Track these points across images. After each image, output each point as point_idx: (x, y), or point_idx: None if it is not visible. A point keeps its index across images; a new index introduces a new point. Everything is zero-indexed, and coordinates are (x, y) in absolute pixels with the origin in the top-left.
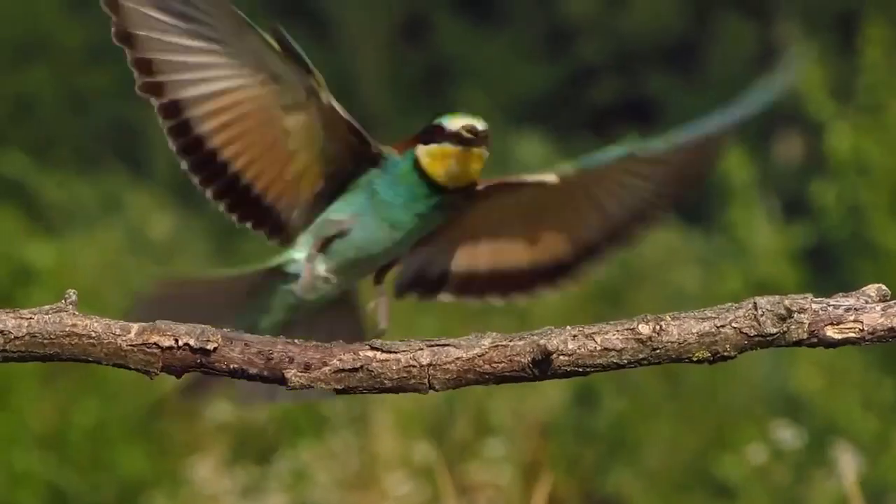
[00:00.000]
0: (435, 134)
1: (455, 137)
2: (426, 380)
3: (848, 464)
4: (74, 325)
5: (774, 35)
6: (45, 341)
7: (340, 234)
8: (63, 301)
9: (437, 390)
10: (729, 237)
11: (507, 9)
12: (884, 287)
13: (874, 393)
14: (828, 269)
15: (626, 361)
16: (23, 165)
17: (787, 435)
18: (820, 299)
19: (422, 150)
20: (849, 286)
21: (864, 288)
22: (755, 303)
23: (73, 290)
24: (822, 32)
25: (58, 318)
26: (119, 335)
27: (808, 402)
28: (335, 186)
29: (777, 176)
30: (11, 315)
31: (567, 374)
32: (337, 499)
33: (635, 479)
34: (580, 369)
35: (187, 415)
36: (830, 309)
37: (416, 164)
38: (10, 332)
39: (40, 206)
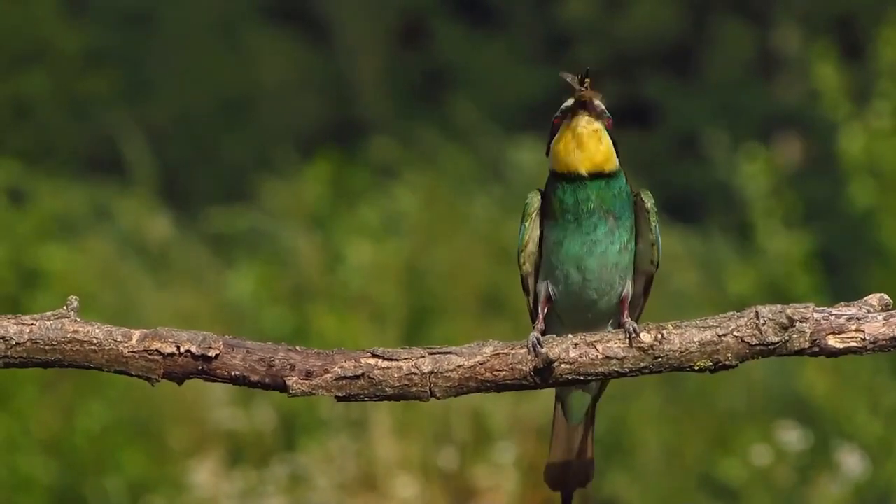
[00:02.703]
0: (552, 131)
1: (567, 112)
2: (427, 387)
3: (852, 467)
4: (76, 332)
5: (772, 39)
6: (47, 347)
7: (550, 300)
8: (65, 307)
9: (438, 398)
10: (747, 241)
11: (505, 13)
12: (885, 296)
13: (881, 397)
14: (836, 271)
15: (627, 370)
16: (19, 171)
17: (791, 438)
18: (822, 308)
19: (551, 158)
20: (858, 289)
21: (866, 297)
22: (757, 312)
23: (74, 297)
24: (820, 36)
25: (59, 325)
26: (121, 342)
27: (813, 405)
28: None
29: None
30: (13, 321)
31: (569, 382)
32: (336, 502)
33: (633, 483)
34: (582, 377)
35: (187, 419)
36: (832, 318)
37: (556, 176)
38: (12, 339)
39: (46, 210)
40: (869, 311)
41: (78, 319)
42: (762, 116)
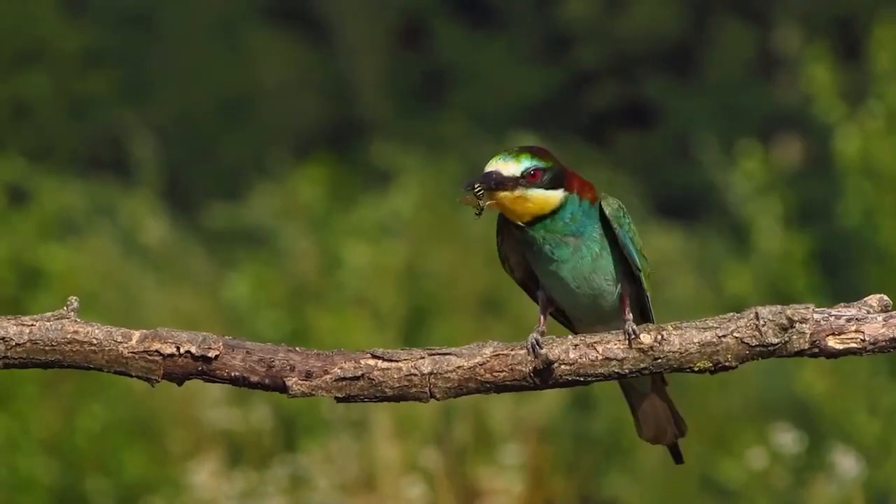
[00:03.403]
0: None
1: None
2: (427, 388)
3: (849, 468)
4: (76, 333)
5: (772, 40)
6: (47, 348)
7: (551, 303)
8: (65, 308)
9: (438, 399)
10: (742, 240)
11: (505, 14)
12: (885, 297)
13: (880, 398)
14: (834, 272)
15: (627, 371)
16: (22, 170)
17: (788, 439)
18: (821, 309)
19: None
20: (857, 290)
21: (865, 298)
22: (757, 312)
23: (74, 297)
24: (820, 37)
25: (59, 325)
26: (121, 342)
27: (812, 406)
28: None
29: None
30: (13, 322)
31: (569, 384)
32: (336, 503)
33: (633, 483)
34: (581, 378)
35: (187, 420)
36: (832, 319)
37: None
38: (12, 339)
39: (46, 210)
40: (868, 312)
41: (78, 320)
42: (762, 117)
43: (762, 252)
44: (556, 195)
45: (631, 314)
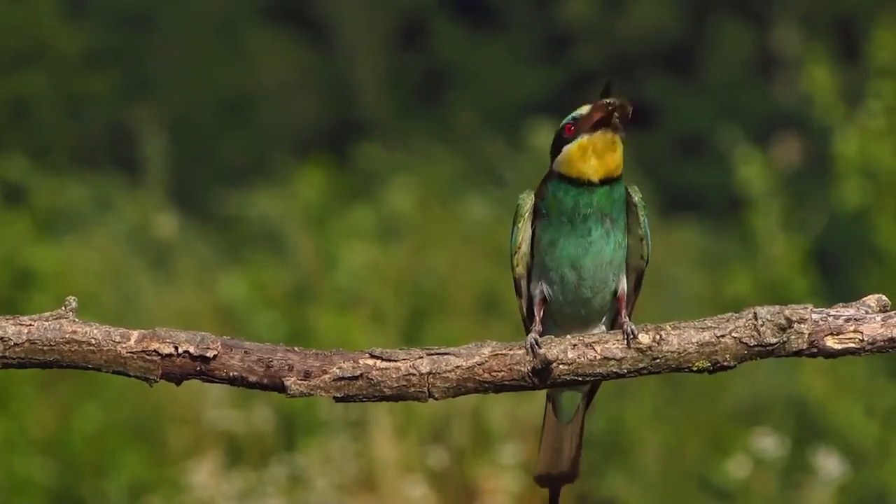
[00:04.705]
0: (564, 136)
1: (588, 124)
2: (426, 388)
3: (834, 469)
4: (74, 332)
5: (772, 39)
6: (45, 348)
7: (546, 301)
8: (63, 307)
9: (436, 399)
10: (744, 242)
11: (504, 14)
12: (884, 297)
13: (877, 399)
14: (833, 273)
15: (625, 371)
16: (23, 169)
17: (770, 443)
18: (820, 309)
19: (559, 161)
20: (854, 290)
21: (864, 298)
22: (755, 312)
23: (72, 297)
24: (820, 37)
25: (57, 325)
26: (119, 342)
27: (811, 407)
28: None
29: (775, 180)
30: (11, 321)
31: (567, 383)
32: (335, 503)
33: (631, 484)
34: (580, 378)
35: (185, 420)
36: (830, 319)
37: (562, 178)
38: (10, 339)
39: (40, 210)
40: (867, 312)
41: (76, 320)
42: (762, 117)
43: (762, 254)
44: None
45: (627, 315)
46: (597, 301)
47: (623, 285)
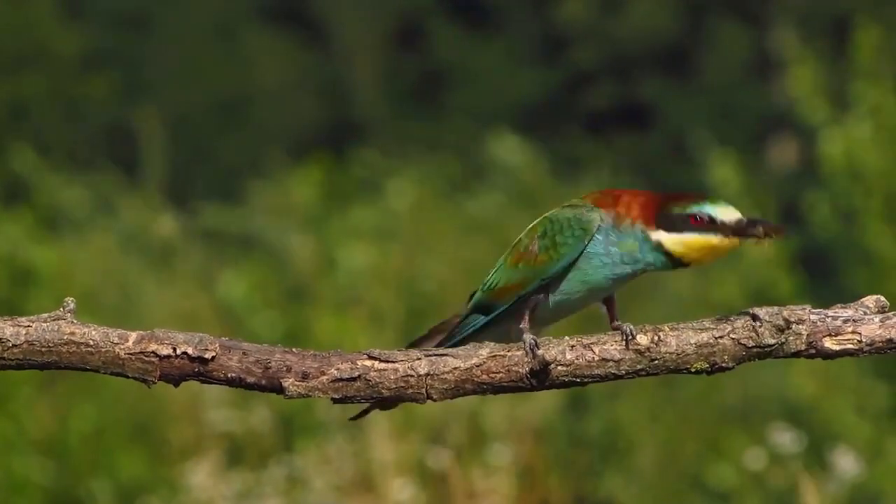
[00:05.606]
0: (690, 223)
1: (729, 230)
2: (424, 389)
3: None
4: (72, 334)
5: (769, 41)
6: (43, 349)
7: (540, 301)
8: (61, 308)
9: (434, 400)
10: None
11: (501, 15)
12: (882, 298)
13: (868, 399)
14: (823, 274)
15: (624, 372)
16: (32, 162)
17: (783, 441)
18: (818, 310)
19: (672, 240)
20: (844, 292)
21: (862, 299)
22: (753, 314)
23: (71, 298)
24: (817, 38)
25: (56, 326)
26: (117, 343)
27: (804, 407)
28: None
29: (771, 181)
30: (9, 323)
31: (565, 385)
32: None
33: (628, 484)
34: (578, 380)
35: (184, 420)
36: (829, 320)
37: (660, 249)
38: (8, 340)
39: (40, 209)
40: (865, 313)
41: (75, 321)
42: (758, 118)
43: (746, 257)
44: None
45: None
46: (590, 305)
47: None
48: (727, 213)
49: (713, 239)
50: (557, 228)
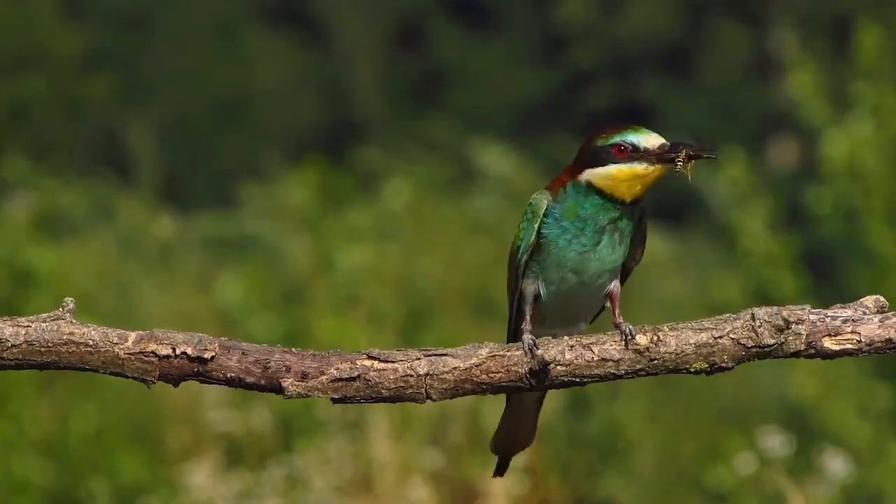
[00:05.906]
0: (614, 155)
1: (653, 156)
2: (423, 389)
3: (839, 470)
4: (72, 334)
5: (769, 41)
6: (43, 349)
7: (537, 299)
8: (61, 309)
9: (434, 400)
10: (728, 244)
11: (501, 15)
12: (881, 298)
13: (869, 400)
14: (825, 275)
15: (623, 372)
16: (23, 170)
17: (772, 444)
18: (818, 310)
19: (598, 175)
20: (845, 292)
21: (861, 299)
22: (753, 314)
23: (70, 298)
24: (817, 38)
25: (55, 326)
26: (116, 343)
27: (804, 409)
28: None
29: (772, 181)
30: (9, 323)
31: (565, 385)
32: None
33: (628, 485)
34: (577, 379)
35: (183, 421)
36: (828, 320)
37: (591, 189)
38: (8, 340)
39: (39, 211)
40: (864, 313)
41: (74, 321)
42: (758, 118)
43: (749, 257)
44: None
45: (620, 315)
46: (589, 301)
47: (616, 284)
48: (650, 140)
49: (637, 168)
50: (522, 216)
